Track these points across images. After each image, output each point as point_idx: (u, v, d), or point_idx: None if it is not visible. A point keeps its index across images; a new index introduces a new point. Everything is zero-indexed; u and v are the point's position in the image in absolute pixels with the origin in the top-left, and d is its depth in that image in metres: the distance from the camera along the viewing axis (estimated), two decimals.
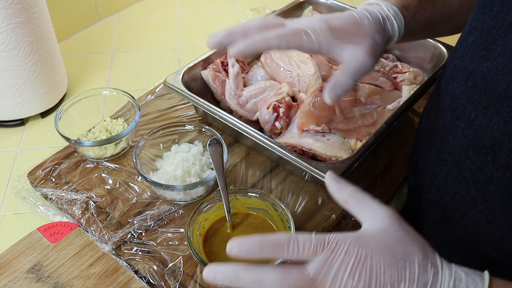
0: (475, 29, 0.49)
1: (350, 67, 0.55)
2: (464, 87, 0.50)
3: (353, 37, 0.55)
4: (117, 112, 0.82)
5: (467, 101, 0.49)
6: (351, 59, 0.55)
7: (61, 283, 0.60)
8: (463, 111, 0.50)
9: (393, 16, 0.58)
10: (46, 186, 0.71)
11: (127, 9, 1.17)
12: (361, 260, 0.40)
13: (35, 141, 0.83)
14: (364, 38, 0.55)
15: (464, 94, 0.50)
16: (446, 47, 0.83)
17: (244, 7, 1.17)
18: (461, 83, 0.50)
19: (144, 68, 1.00)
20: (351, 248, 0.41)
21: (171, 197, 0.69)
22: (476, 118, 0.48)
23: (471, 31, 0.50)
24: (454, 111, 0.51)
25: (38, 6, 0.78)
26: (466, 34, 0.51)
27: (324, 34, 0.54)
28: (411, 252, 0.41)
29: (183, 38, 1.08)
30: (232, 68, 0.78)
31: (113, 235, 0.65)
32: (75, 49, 1.04)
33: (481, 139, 0.47)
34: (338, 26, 0.55)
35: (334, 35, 0.54)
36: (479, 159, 0.48)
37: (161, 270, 0.61)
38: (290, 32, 0.53)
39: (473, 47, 0.49)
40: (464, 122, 0.49)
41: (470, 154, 0.49)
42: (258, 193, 0.64)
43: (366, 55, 0.55)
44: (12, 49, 0.76)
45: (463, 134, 0.50)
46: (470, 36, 0.50)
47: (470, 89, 0.49)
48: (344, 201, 0.45)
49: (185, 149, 0.72)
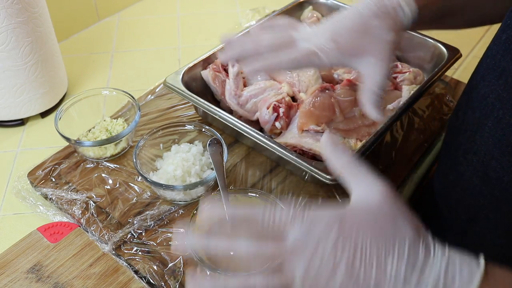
0: (509, 27, 0.49)
1: (373, 81, 0.55)
2: (495, 85, 0.49)
3: (364, 49, 0.55)
4: (117, 112, 0.82)
5: (496, 100, 0.49)
6: (369, 72, 0.56)
7: (61, 283, 0.60)
8: (491, 110, 0.49)
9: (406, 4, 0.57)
10: (46, 186, 0.71)
11: (127, 9, 1.17)
12: (345, 231, 0.38)
13: (35, 141, 0.83)
14: (374, 45, 0.55)
15: (494, 92, 0.49)
16: (446, 47, 0.83)
17: (244, 7, 1.17)
18: (492, 81, 0.50)
19: (144, 68, 1.00)
20: (334, 220, 0.38)
21: (171, 197, 0.69)
22: (504, 116, 0.48)
23: (504, 29, 0.50)
24: (483, 110, 0.51)
25: (38, 6, 0.78)
26: (499, 32, 0.51)
27: (335, 54, 0.55)
28: (401, 229, 0.39)
29: (183, 38, 1.08)
30: (232, 68, 0.78)
31: (113, 235, 0.65)
32: (75, 49, 1.04)
33: (508, 138, 0.47)
34: (346, 44, 0.55)
35: (345, 53, 0.55)
36: (505, 159, 0.48)
37: (161, 270, 0.61)
38: (301, 55, 0.56)
39: (506, 44, 0.49)
40: (491, 120, 0.49)
41: (495, 154, 0.49)
42: (258, 193, 0.64)
43: (380, 63, 0.55)
44: (12, 49, 0.76)
45: (490, 133, 0.50)
46: (503, 34, 0.50)
47: (500, 87, 0.48)
48: (339, 170, 0.43)
49: (185, 149, 0.72)
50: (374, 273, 0.37)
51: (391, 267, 0.37)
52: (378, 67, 0.55)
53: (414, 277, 0.37)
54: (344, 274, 0.37)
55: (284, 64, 0.56)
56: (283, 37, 0.59)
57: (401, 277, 0.37)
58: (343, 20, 0.56)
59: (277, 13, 0.92)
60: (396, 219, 0.39)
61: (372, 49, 0.55)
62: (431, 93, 0.89)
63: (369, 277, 0.37)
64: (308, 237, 0.38)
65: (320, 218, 0.39)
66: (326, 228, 0.38)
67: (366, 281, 0.37)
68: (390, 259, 0.37)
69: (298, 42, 0.58)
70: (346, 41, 0.55)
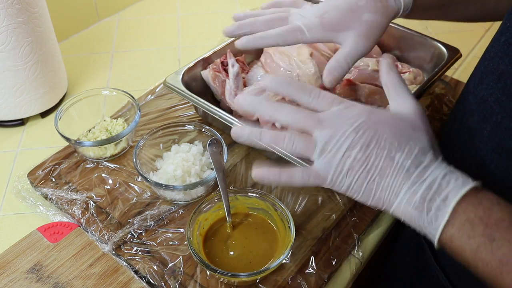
0: (508, 29, 0.48)
1: (342, 51, 0.58)
2: (493, 88, 0.49)
3: (347, 25, 0.58)
4: (117, 112, 0.82)
5: (494, 103, 0.48)
6: (344, 44, 0.58)
7: (61, 283, 0.60)
8: (490, 114, 0.49)
9: None
10: (46, 186, 0.71)
11: (127, 9, 1.17)
12: (369, 122, 0.45)
13: (35, 141, 0.83)
14: (357, 22, 0.58)
15: (493, 96, 0.49)
16: (446, 47, 0.83)
17: (244, 7, 1.17)
18: (490, 84, 0.50)
19: (144, 68, 1.00)
20: (365, 112, 0.45)
21: (171, 197, 0.69)
22: (503, 120, 0.47)
23: (503, 31, 0.49)
24: (481, 114, 0.50)
25: (38, 6, 0.78)
26: (498, 34, 0.51)
27: (318, 29, 0.59)
28: (418, 137, 0.45)
29: (183, 38, 1.08)
30: (232, 68, 0.78)
31: (113, 235, 0.65)
32: (75, 49, 1.04)
33: (507, 143, 0.47)
34: (330, 19, 0.58)
35: (328, 28, 0.58)
36: (504, 164, 0.47)
37: (161, 270, 0.61)
38: (286, 30, 0.59)
39: (504, 47, 0.48)
40: (490, 124, 0.49)
41: (495, 158, 0.48)
42: (258, 193, 0.64)
43: (358, 38, 0.58)
44: (12, 49, 0.76)
45: (488, 137, 0.49)
46: (502, 37, 0.49)
47: (499, 91, 0.48)
48: (384, 84, 0.50)
49: (185, 149, 0.72)
50: (383, 159, 0.44)
51: (398, 159, 0.44)
52: (354, 42, 0.58)
53: (416, 172, 0.43)
54: (358, 151, 0.44)
55: (270, 40, 0.59)
56: (280, 12, 0.62)
57: (404, 168, 0.43)
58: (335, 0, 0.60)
59: None
60: (416, 129, 0.46)
61: (354, 26, 0.58)
62: (431, 93, 0.89)
63: (378, 160, 0.44)
64: (339, 115, 0.46)
65: (354, 107, 0.46)
66: (356, 114, 0.45)
67: (375, 163, 0.44)
68: (399, 154, 0.44)
69: (290, 18, 0.61)
70: (331, 17, 0.58)
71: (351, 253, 0.66)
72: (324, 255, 0.64)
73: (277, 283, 0.60)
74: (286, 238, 0.60)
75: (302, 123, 0.46)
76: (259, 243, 0.62)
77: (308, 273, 0.61)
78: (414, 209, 0.43)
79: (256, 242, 0.62)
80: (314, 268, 0.62)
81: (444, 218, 0.41)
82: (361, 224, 0.68)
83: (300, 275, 0.61)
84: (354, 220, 0.68)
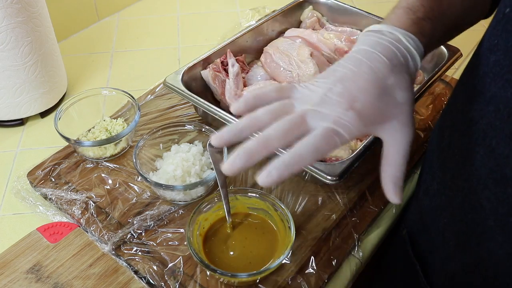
0: (498, 48, 0.43)
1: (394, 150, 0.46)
2: (484, 111, 0.44)
3: (386, 113, 0.46)
4: (117, 112, 0.81)
5: (487, 127, 0.44)
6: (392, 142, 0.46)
7: (61, 283, 0.60)
8: (483, 138, 0.44)
9: (414, 49, 0.48)
10: (45, 186, 0.71)
11: (127, 9, 1.17)
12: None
13: (34, 141, 0.83)
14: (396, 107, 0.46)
15: (485, 119, 0.44)
16: (446, 46, 0.83)
17: (244, 7, 1.17)
18: (480, 106, 0.45)
19: (144, 68, 1.00)
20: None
21: (171, 197, 0.69)
22: (497, 146, 0.43)
23: (492, 49, 0.44)
24: (472, 137, 0.46)
25: (37, 5, 0.78)
26: (486, 51, 0.45)
27: (357, 126, 0.44)
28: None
29: (183, 38, 1.08)
30: (232, 68, 0.78)
31: (113, 235, 0.65)
32: (74, 49, 1.04)
33: (503, 170, 0.43)
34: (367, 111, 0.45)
35: (368, 122, 0.45)
36: (499, 190, 0.43)
37: (161, 270, 0.61)
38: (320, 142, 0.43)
39: (495, 68, 0.43)
40: (483, 149, 0.44)
41: (489, 184, 0.44)
42: (258, 193, 0.64)
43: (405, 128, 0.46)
44: (12, 49, 0.76)
45: (482, 162, 0.45)
46: (491, 55, 0.44)
47: (491, 114, 0.43)
48: None
49: (185, 149, 0.72)
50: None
51: None
52: (403, 134, 0.46)
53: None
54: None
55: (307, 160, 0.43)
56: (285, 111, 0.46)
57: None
58: (354, 78, 0.45)
59: (277, 12, 0.92)
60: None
61: (395, 113, 0.46)
62: (431, 93, 0.89)
63: None
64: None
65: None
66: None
67: None
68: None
69: (307, 119, 0.45)
70: (365, 107, 0.44)
71: (351, 253, 0.66)
72: (324, 255, 0.63)
73: (277, 283, 0.60)
74: (286, 238, 0.60)
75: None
76: (259, 243, 0.62)
77: (308, 273, 0.61)
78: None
79: (256, 242, 0.62)
80: (314, 268, 0.62)
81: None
82: (361, 224, 0.68)
83: (300, 275, 0.61)
84: (354, 220, 0.68)
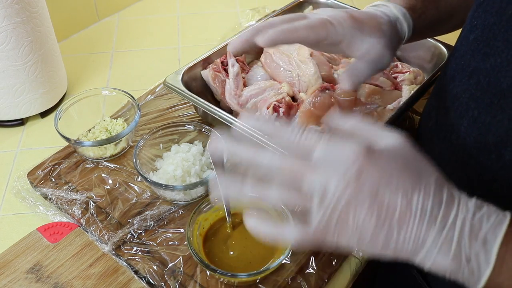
0: (476, 27, 0.49)
1: (370, 57, 0.56)
2: (466, 85, 0.49)
3: (373, 31, 0.56)
4: (117, 112, 0.81)
5: (469, 99, 0.49)
6: (370, 51, 0.56)
7: (61, 283, 0.60)
8: (466, 110, 0.49)
9: (403, 17, 0.59)
10: (45, 186, 0.71)
11: (127, 9, 1.17)
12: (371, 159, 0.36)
13: (34, 141, 0.83)
14: (382, 33, 0.57)
15: (467, 92, 0.49)
16: (446, 46, 0.83)
17: (244, 7, 1.17)
18: (463, 81, 0.50)
19: (144, 68, 1.00)
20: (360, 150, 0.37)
21: (171, 197, 0.69)
22: (479, 116, 0.47)
23: (471, 30, 0.50)
24: (457, 110, 0.51)
25: (37, 5, 0.78)
26: (466, 32, 0.51)
27: (348, 24, 0.55)
28: (426, 169, 0.38)
29: (183, 38, 1.08)
30: (232, 68, 0.78)
31: (113, 235, 0.65)
32: (75, 49, 1.04)
33: (485, 137, 0.47)
34: (359, 17, 0.56)
35: (356, 26, 0.55)
36: (483, 158, 0.47)
37: (161, 270, 0.61)
38: (316, 22, 0.54)
39: (474, 44, 0.49)
40: (467, 120, 0.49)
41: (473, 153, 0.48)
42: None
43: (385, 48, 0.56)
44: (12, 49, 0.76)
45: (466, 133, 0.49)
46: (471, 34, 0.50)
47: (472, 87, 0.48)
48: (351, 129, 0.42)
49: (185, 149, 0.72)
50: (399, 205, 0.35)
51: (417, 200, 0.36)
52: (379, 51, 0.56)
53: (440, 213, 0.36)
54: (367, 199, 0.35)
55: (300, 32, 0.53)
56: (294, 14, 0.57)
57: (426, 212, 0.36)
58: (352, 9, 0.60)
59: (277, 13, 0.92)
60: (419, 160, 0.38)
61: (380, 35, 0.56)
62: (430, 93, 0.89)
63: (393, 208, 0.35)
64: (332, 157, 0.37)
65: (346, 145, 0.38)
66: (351, 153, 0.37)
67: (389, 213, 0.35)
68: (416, 193, 0.36)
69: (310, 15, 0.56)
70: (359, 15, 0.56)
71: (351, 253, 0.66)
72: (324, 255, 0.63)
73: (277, 283, 0.60)
74: None
75: (290, 169, 0.38)
76: (259, 243, 0.62)
77: (308, 273, 0.61)
78: (450, 260, 0.36)
79: (256, 242, 0.62)
80: (314, 268, 0.62)
81: (489, 267, 0.36)
82: None
83: (300, 275, 0.61)
84: None
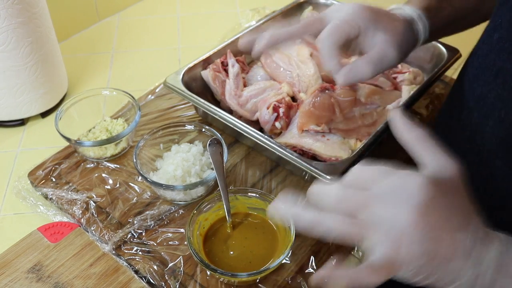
0: (501, 26, 0.48)
1: (375, 55, 0.55)
2: (492, 85, 0.49)
3: (387, 27, 0.56)
4: (117, 112, 0.82)
5: (495, 99, 0.48)
6: (378, 48, 0.55)
7: (62, 283, 0.60)
8: (491, 110, 0.48)
9: (418, 19, 0.59)
10: (46, 186, 0.72)
11: (127, 9, 1.17)
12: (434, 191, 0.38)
13: (35, 141, 0.83)
14: (395, 32, 0.56)
15: (493, 92, 0.48)
16: (446, 47, 0.83)
17: (244, 7, 1.17)
18: (488, 81, 0.49)
19: (144, 68, 1.00)
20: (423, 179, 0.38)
21: (171, 197, 0.69)
22: (506, 116, 0.47)
23: (495, 28, 0.49)
24: (482, 110, 0.50)
25: (38, 6, 0.78)
26: (490, 31, 0.51)
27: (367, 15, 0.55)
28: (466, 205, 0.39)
29: (183, 38, 1.08)
30: (232, 68, 0.78)
31: (113, 235, 0.65)
32: (75, 49, 1.04)
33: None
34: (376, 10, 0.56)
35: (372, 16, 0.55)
36: (510, 158, 0.47)
37: (161, 270, 0.61)
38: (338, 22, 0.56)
39: (499, 44, 0.48)
40: (493, 120, 0.48)
41: (500, 153, 0.48)
42: (258, 193, 0.64)
43: (394, 48, 0.55)
44: (13, 49, 0.76)
45: (492, 133, 0.49)
46: (495, 33, 0.49)
47: (499, 86, 0.48)
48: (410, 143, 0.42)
49: (185, 149, 0.72)
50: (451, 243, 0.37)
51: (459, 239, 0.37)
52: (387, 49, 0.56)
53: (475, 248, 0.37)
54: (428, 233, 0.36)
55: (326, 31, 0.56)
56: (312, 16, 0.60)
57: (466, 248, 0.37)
58: None
59: (277, 13, 0.92)
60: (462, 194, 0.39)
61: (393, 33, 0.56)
62: (431, 93, 0.89)
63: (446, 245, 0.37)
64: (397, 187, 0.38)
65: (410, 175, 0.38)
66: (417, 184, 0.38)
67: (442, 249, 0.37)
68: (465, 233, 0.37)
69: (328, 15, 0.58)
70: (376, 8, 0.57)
71: (351, 253, 0.66)
72: (324, 255, 0.64)
73: (277, 283, 0.61)
74: (286, 238, 0.60)
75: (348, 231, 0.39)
76: (259, 243, 0.62)
77: (308, 273, 0.62)
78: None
79: (256, 242, 0.62)
80: (314, 268, 0.62)
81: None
82: None
83: (300, 275, 0.61)
84: None
